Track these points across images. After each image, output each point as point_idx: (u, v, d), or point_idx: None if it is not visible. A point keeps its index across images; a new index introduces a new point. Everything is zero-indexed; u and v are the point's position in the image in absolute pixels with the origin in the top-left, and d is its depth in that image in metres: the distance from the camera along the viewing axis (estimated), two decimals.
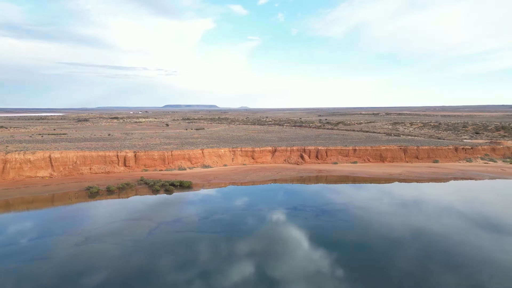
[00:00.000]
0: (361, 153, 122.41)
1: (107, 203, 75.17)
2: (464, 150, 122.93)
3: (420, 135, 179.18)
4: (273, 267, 44.90)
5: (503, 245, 51.64)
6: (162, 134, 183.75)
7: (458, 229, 58.44)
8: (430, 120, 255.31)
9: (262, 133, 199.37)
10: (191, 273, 43.33)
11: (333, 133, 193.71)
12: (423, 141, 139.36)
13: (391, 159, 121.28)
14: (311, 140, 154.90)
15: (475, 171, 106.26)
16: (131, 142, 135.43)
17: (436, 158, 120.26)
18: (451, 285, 40.37)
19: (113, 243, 52.36)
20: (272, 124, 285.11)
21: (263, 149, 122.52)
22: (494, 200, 78.31)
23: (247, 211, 69.39)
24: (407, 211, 69.39)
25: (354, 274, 43.11)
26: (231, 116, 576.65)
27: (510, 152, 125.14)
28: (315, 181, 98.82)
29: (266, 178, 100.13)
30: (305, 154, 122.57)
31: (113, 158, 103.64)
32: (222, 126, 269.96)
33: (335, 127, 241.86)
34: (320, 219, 64.73)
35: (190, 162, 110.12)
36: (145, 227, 59.18)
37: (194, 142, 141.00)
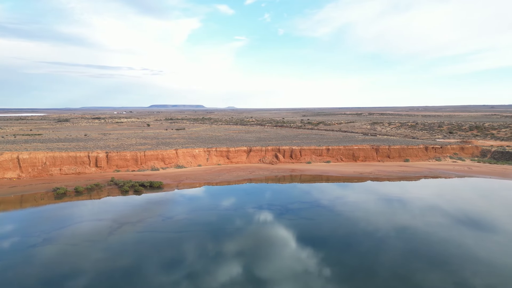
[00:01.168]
0: (334, 152, 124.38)
1: (72, 204, 74.58)
2: (434, 149, 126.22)
3: (396, 135, 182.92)
4: (233, 266, 45.61)
5: (461, 239, 53.58)
6: (140, 134, 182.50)
7: (418, 225, 60.28)
8: (408, 120, 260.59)
9: (242, 133, 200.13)
10: (146, 272, 43.65)
11: (312, 133, 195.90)
12: (396, 141, 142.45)
13: (364, 159, 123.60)
14: (289, 140, 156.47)
15: (442, 170, 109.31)
16: (106, 142, 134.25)
17: (407, 157, 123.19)
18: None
19: (71, 244, 52.20)
20: (254, 124, 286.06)
21: (238, 149, 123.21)
22: (455, 197, 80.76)
23: (213, 211, 69.89)
24: (370, 209, 71.05)
25: (313, 267, 44.18)
26: (216, 116, 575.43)
27: (478, 151, 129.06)
28: (287, 180, 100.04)
29: (239, 178, 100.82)
30: (280, 154, 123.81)
31: (84, 158, 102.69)
32: (204, 126, 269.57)
33: (315, 127, 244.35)
34: (284, 217, 65.73)
35: (163, 163, 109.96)
36: (107, 228, 59.09)
37: (171, 143, 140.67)
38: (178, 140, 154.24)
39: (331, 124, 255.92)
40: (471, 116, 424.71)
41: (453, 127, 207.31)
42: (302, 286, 40.64)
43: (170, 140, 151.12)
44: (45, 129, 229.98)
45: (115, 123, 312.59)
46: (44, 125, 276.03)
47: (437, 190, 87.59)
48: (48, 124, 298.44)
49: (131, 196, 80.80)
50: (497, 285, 40.17)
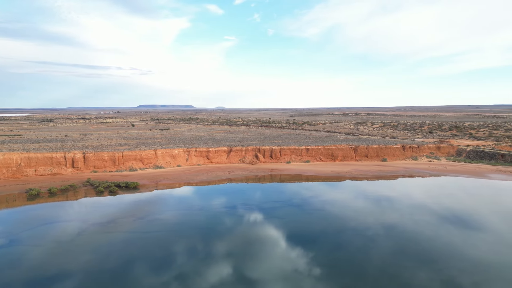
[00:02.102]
0: (313, 152, 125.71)
1: (44, 205, 73.95)
2: (411, 148, 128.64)
3: (378, 135, 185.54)
4: (209, 266, 46.06)
5: (425, 235, 55.03)
6: (123, 135, 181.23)
7: (382, 222, 61.65)
8: (392, 120, 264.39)
9: (226, 133, 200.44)
10: (110, 272, 43.79)
11: (296, 133, 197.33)
12: (376, 141, 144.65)
13: (342, 158, 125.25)
14: (271, 140, 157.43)
15: (417, 169, 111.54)
16: (85, 143, 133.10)
17: (385, 156, 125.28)
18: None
19: (36, 245, 51.96)
20: (239, 125, 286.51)
21: (218, 149, 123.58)
22: (425, 195, 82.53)
23: (186, 211, 70.21)
24: (341, 207, 72.29)
25: (287, 264, 44.92)
26: (204, 116, 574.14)
27: (454, 151, 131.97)
28: (265, 180, 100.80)
29: (218, 178, 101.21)
30: (260, 154, 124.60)
31: (61, 159, 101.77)
32: (189, 127, 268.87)
33: (299, 127, 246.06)
34: (256, 216, 66.44)
35: (142, 163, 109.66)
36: (76, 229, 58.90)
37: (152, 143, 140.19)
38: (160, 140, 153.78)
39: (315, 124, 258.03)
40: (454, 116, 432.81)
41: (434, 127, 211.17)
42: (282, 285, 41.34)
43: (151, 141, 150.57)
44: (27, 129, 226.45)
45: (99, 123, 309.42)
46: (27, 126, 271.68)
47: (408, 189, 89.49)
48: (31, 124, 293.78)
49: (104, 197, 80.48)
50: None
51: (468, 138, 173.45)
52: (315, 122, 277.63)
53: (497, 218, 65.07)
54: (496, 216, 66.29)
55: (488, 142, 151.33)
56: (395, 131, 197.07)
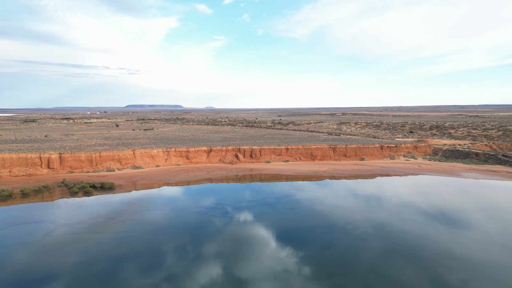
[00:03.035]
0: (293, 152, 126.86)
1: (14, 206, 73.15)
2: (389, 148, 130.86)
3: (360, 134, 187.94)
4: (164, 264, 46.38)
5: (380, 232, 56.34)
6: (105, 135, 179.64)
7: (347, 222, 62.88)
8: (375, 120, 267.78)
9: (210, 133, 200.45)
10: (76, 273, 43.79)
11: (280, 133, 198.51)
12: (355, 140, 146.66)
13: (321, 158, 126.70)
14: (255, 139, 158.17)
15: (393, 168, 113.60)
16: (64, 143, 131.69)
17: (363, 156, 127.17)
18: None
19: (1, 246, 51.60)
20: (225, 125, 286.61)
21: (198, 149, 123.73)
22: (393, 193, 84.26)
23: (158, 211, 70.34)
24: (314, 206, 73.36)
25: (256, 263, 45.51)
26: (191, 116, 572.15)
27: (431, 150, 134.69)
28: (243, 180, 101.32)
29: (196, 178, 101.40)
30: (240, 154, 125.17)
31: (36, 160, 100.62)
32: (174, 127, 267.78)
33: (284, 127, 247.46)
34: (229, 216, 66.97)
35: (120, 163, 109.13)
36: (43, 230, 58.58)
37: (133, 143, 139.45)
38: (141, 140, 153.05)
39: (300, 124, 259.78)
40: (438, 116, 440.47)
41: (415, 126, 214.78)
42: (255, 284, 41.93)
43: (133, 141, 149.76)
44: (7, 130, 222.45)
45: (83, 123, 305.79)
46: (8, 126, 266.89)
47: (380, 187, 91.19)
48: (12, 124, 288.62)
49: (78, 198, 79.95)
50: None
51: (447, 137, 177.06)
52: (300, 122, 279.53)
53: (463, 215, 66.91)
54: (462, 213, 68.16)
55: (465, 142, 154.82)
56: (377, 131, 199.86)
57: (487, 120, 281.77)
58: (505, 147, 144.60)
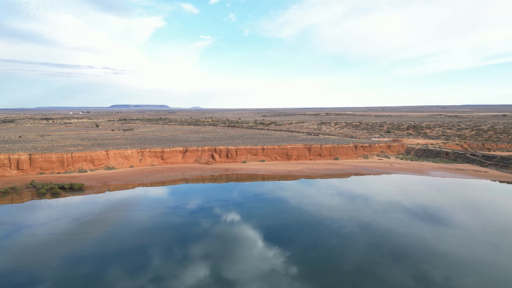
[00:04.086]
0: (269, 152, 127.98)
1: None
2: (363, 147, 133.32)
3: (338, 134, 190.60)
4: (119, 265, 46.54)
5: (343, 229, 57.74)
6: (82, 135, 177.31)
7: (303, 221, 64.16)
8: (355, 120, 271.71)
9: (190, 133, 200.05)
10: (29, 274, 43.60)
11: (260, 133, 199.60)
12: (331, 140, 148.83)
13: (297, 157, 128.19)
14: (234, 139, 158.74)
15: (366, 167, 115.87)
16: (37, 144, 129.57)
17: (337, 155, 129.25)
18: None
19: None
20: (207, 125, 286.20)
21: (174, 150, 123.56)
22: (362, 192, 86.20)
23: (124, 211, 70.26)
24: (283, 204, 74.50)
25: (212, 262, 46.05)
26: (176, 116, 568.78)
27: (403, 149, 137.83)
28: (217, 180, 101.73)
29: (170, 178, 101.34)
30: (216, 154, 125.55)
31: (5, 161, 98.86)
32: (155, 127, 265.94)
33: (266, 127, 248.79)
34: (194, 216, 67.43)
35: (92, 164, 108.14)
36: (3, 231, 57.96)
37: (109, 143, 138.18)
38: (118, 141, 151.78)
39: (281, 125, 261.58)
40: (418, 116, 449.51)
41: (393, 126, 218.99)
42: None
43: (109, 141, 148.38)
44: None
45: (63, 124, 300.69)
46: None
47: (348, 185, 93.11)
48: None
49: (44, 200, 79.08)
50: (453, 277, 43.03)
51: (422, 137, 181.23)
52: (282, 122, 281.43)
53: (423, 211, 69.00)
54: (422, 209, 70.26)
55: (437, 141, 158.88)
56: (355, 131, 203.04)
57: (464, 120, 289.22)
58: (475, 146, 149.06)
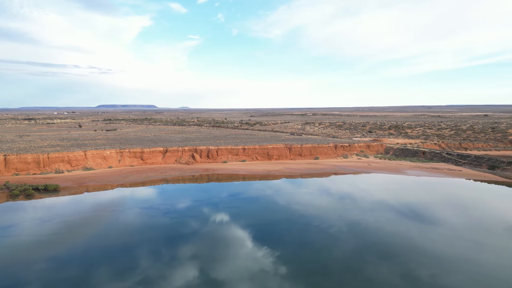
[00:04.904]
0: (250, 152, 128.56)
1: None
2: (343, 147, 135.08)
3: (321, 134, 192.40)
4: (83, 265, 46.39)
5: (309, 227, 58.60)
6: (62, 136, 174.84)
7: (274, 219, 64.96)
8: (338, 120, 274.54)
9: (174, 133, 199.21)
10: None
11: (244, 133, 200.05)
12: (313, 140, 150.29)
13: (278, 157, 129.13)
14: (217, 139, 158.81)
15: (344, 166, 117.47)
16: (14, 144, 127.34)
17: (317, 155, 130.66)
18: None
19: None
20: (192, 125, 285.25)
21: (153, 150, 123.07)
22: (335, 190, 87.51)
23: (96, 212, 69.91)
24: (256, 204, 75.14)
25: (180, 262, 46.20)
26: (163, 116, 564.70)
27: (382, 149, 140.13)
28: (197, 180, 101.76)
29: (148, 179, 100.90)
30: (197, 154, 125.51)
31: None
32: (139, 127, 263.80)
33: (250, 127, 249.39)
34: (168, 216, 67.50)
35: (69, 165, 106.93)
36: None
37: (88, 144, 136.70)
38: (99, 141, 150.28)
39: (266, 125, 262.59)
40: (402, 116, 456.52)
41: (375, 126, 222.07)
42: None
43: (90, 142, 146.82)
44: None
45: (45, 124, 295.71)
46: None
47: (324, 184, 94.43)
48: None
49: (17, 201, 77.99)
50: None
51: (403, 137, 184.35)
52: (268, 122, 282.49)
53: (392, 209, 70.52)
54: (391, 208, 71.80)
55: (416, 141, 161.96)
56: (338, 131, 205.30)
57: (445, 120, 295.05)
58: (452, 146, 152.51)
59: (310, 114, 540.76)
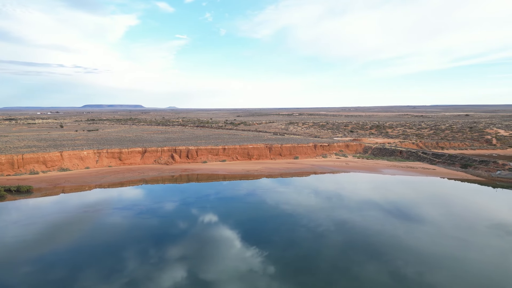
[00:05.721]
0: (230, 151, 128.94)
1: None
2: (322, 147, 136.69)
3: (303, 134, 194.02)
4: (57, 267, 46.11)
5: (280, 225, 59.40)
6: (42, 136, 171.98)
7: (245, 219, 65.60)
8: (322, 120, 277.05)
9: (156, 133, 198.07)
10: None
11: (227, 133, 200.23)
12: (294, 139, 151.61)
13: (258, 157, 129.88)
14: (199, 140, 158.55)
15: (323, 166, 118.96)
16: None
17: (297, 154, 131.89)
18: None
19: None
20: (177, 125, 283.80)
21: (132, 150, 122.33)
22: (311, 190, 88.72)
23: (65, 214, 69.38)
24: (231, 203, 75.65)
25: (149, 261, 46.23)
26: (149, 116, 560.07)
27: (361, 148, 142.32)
28: (175, 180, 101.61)
29: (125, 180, 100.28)
30: (176, 154, 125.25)
31: None
32: (122, 127, 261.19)
33: (235, 127, 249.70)
34: (139, 217, 67.39)
35: (45, 166, 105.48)
36: None
37: (67, 144, 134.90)
38: (78, 141, 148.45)
39: (251, 125, 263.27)
40: (386, 116, 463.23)
41: (357, 126, 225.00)
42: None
43: (69, 142, 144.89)
44: None
45: (26, 124, 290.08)
46: None
47: (299, 183, 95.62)
48: None
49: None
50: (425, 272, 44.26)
51: (383, 136, 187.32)
52: (253, 122, 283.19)
53: (356, 208, 71.94)
54: (359, 205, 73.23)
55: (395, 140, 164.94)
56: (320, 131, 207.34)
57: (426, 120, 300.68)
58: (430, 145, 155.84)
59: (297, 114, 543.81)
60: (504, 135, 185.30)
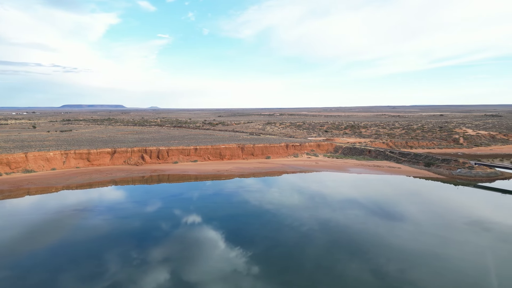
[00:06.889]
0: (202, 152, 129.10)
1: None
2: (294, 147, 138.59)
3: (279, 134, 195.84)
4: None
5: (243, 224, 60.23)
6: (10, 137, 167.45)
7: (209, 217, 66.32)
8: (299, 120, 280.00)
9: (131, 134, 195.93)
10: None
11: (204, 133, 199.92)
12: (267, 139, 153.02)
13: (230, 157, 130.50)
14: (173, 140, 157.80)
15: (293, 165, 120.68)
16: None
17: (269, 154, 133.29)
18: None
19: None
20: (154, 125, 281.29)
21: (101, 151, 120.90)
22: (277, 189, 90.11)
23: (23, 216, 68.38)
24: (195, 202, 76.11)
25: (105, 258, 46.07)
26: (128, 117, 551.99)
27: (332, 148, 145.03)
28: (146, 181, 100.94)
29: (92, 181, 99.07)
30: (146, 155, 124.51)
31: None
32: (98, 128, 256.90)
33: (212, 127, 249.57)
34: (99, 218, 67.05)
35: (9, 167, 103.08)
36: None
37: (35, 145, 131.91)
38: (48, 142, 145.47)
39: (229, 125, 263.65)
40: (364, 116, 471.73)
41: (333, 126, 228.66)
42: None
43: (38, 143, 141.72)
44: None
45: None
46: None
47: (266, 183, 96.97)
48: None
49: None
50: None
51: (356, 136, 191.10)
52: (231, 122, 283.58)
53: (313, 206, 73.68)
54: (318, 203, 74.99)
55: (366, 140, 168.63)
56: (296, 131, 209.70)
57: (401, 120, 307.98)
58: (400, 144, 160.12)
59: (278, 114, 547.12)
60: (472, 135, 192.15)
